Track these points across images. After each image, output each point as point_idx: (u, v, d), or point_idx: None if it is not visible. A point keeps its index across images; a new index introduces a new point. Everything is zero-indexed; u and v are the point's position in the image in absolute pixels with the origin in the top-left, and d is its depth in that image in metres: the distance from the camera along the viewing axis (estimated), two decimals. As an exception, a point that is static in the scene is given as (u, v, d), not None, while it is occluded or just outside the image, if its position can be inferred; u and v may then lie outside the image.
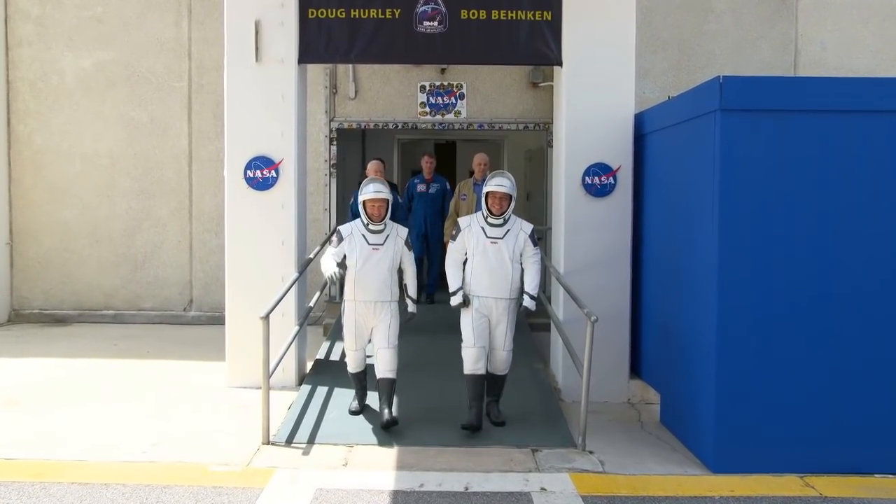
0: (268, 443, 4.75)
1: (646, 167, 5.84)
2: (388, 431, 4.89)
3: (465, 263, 5.02)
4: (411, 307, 5.10)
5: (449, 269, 5.03)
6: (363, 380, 5.29)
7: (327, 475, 4.31)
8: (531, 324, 7.33)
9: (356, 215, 5.17)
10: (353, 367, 5.22)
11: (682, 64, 8.53)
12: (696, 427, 4.73)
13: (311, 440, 4.83)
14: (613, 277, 5.87)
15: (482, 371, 4.96)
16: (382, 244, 4.95)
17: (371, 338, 5.05)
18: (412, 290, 5.11)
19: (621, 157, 5.88)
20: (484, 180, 5.44)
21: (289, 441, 4.82)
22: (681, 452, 4.81)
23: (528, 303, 4.92)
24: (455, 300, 4.96)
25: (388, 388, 5.00)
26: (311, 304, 6.41)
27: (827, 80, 4.69)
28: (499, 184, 4.90)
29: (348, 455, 4.59)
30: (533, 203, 9.61)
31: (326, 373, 6.09)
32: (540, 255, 5.04)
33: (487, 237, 4.92)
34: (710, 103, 4.49)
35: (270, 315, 4.84)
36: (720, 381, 4.43)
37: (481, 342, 4.94)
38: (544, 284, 6.84)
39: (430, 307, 7.79)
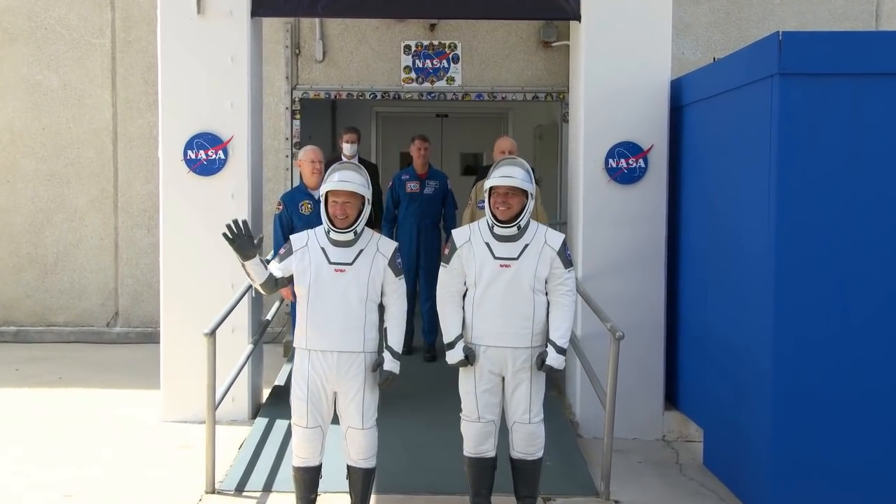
0: (213, 491, 4.75)
1: (684, 147, 5.88)
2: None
3: (465, 296, 4.31)
4: (389, 363, 4.14)
5: (443, 307, 4.27)
6: (314, 484, 4.27)
7: (288, 532, 4.31)
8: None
9: (285, 236, 4.46)
10: (300, 457, 4.21)
11: (731, 17, 8.56)
12: (748, 471, 4.75)
13: (268, 487, 4.83)
14: (644, 283, 5.90)
15: (490, 453, 4.27)
16: (351, 263, 4.11)
17: (337, 409, 4.22)
18: (394, 338, 4.19)
19: (654, 135, 5.91)
20: None
21: (239, 489, 4.82)
22: (729, 503, 4.83)
23: (553, 360, 4.12)
24: (453, 356, 4.17)
25: (363, 482, 4.24)
26: (269, 317, 6.40)
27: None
28: (505, 174, 4.09)
29: (314, 506, 4.59)
30: (544, 191, 9.62)
31: (287, 403, 6.03)
32: (574, 284, 4.27)
33: (496, 258, 4.15)
34: (766, 66, 4.51)
35: (217, 331, 4.84)
36: (779, 413, 4.45)
37: (490, 415, 4.21)
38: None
39: (423, 358, 7.13)
